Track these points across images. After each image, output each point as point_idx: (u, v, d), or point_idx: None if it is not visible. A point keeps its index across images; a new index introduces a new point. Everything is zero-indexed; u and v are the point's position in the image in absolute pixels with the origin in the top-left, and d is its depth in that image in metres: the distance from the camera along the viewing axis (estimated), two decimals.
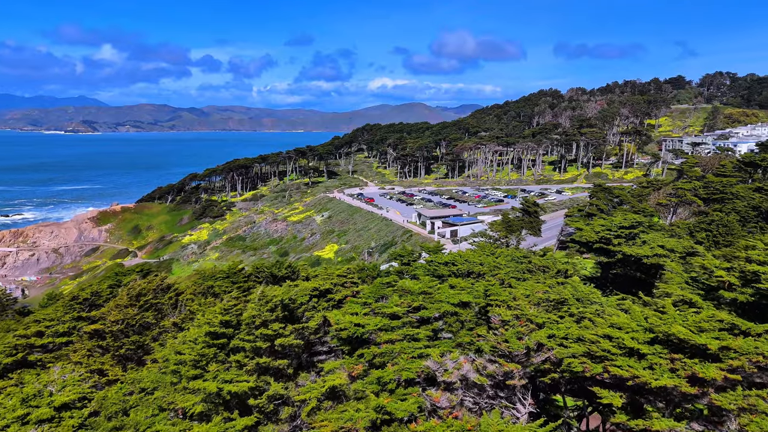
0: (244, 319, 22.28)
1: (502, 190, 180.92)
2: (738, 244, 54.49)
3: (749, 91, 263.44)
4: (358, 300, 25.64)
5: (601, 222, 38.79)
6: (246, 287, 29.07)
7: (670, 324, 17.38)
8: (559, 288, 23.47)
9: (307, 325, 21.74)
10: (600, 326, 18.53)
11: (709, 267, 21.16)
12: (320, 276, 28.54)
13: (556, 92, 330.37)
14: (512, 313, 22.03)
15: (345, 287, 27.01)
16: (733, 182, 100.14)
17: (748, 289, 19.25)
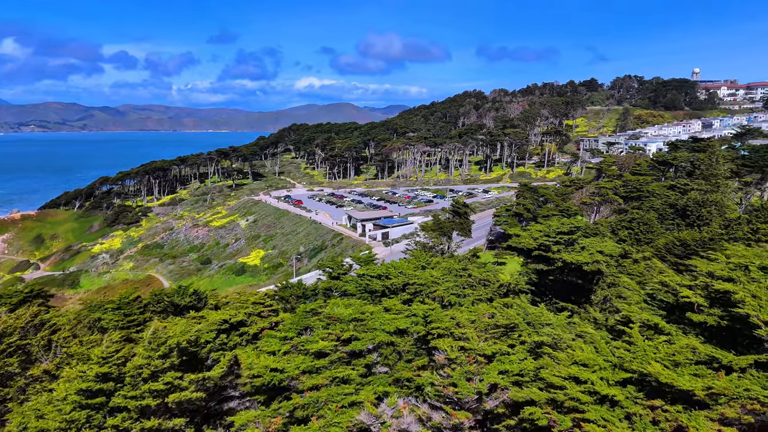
0: (128, 370, 17.65)
1: (432, 191, 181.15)
2: (695, 259, 55.06)
3: (655, 94, 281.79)
4: (277, 334, 21.64)
5: (539, 227, 36.87)
6: (142, 320, 24.24)
7: (643, 359, 14.86)
8: (507, 311, 20.67)
9: (210, 375, 17.47)
10: (562, 363, 15.74)
11: (672, 285, 19.04)
12: (232, 304, 24.19)
13: (480, 93, 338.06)
14: (458, 344, 18.93)
15: (262, 317, 22.87)
16: (648, 180, 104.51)
17: (716, 309, 17.19)
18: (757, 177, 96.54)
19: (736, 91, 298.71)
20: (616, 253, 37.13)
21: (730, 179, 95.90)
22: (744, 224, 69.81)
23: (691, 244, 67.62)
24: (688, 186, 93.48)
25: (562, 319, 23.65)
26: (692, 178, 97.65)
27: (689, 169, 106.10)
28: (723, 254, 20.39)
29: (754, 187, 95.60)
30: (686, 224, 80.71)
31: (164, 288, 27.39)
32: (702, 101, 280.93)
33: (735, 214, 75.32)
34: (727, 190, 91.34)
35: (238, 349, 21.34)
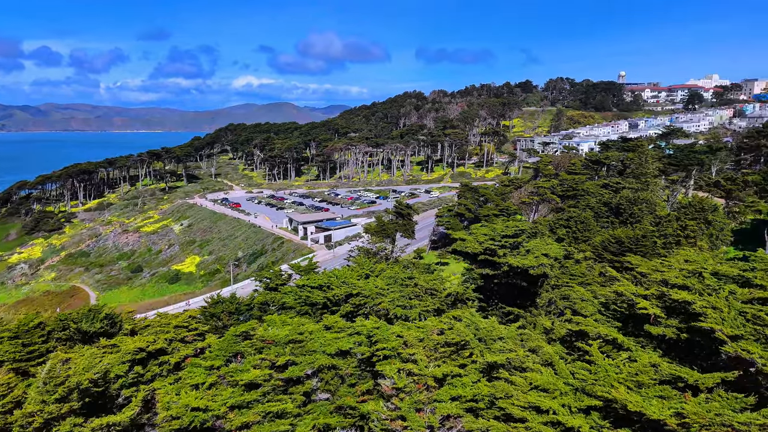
0: (15, 419, 14.73)
1: (374, 191, 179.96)
2: (630, 256, 55.76)
3: (586, 95, 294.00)
4: (202, 362, 19.13)
5: (484, 231, 35.88)
6: (44, 350, 20.94)
7: (606, 381, 13.67)
8: (457, 326, 19.17)
9: (117, 420, 14.84)
10: (520, 388, 14.31)
11: (627, 295, 18.14)
12: (152, 328, 21.37)
13: (420, 94, 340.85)
14: (406, 367, 17.21)
15: (186, 343, 20.25)
16: (583, 179, 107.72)
17: (673, 321, 16.34)
18: (682, 175, 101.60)
19: (659, 93, 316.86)
20: (560, 255, 36.80)
21: (658, 177, 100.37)
22: (673, 221, 72.67)
23: (626, 242, 69.53)
24: (620, 184, 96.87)
25: (513, 331, 22.41)
26: (624, 177, 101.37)
27: (620, 168, 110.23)
28: (675, 259, 19.75)
29: (679, 185, 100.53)
30: (620, 222, 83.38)
31: (79, 308, 23.97)
32: (628, 103, 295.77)
33: (664, 212, 78.48)
34: (656, 188, 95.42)
35: (157, 381, 18.68)
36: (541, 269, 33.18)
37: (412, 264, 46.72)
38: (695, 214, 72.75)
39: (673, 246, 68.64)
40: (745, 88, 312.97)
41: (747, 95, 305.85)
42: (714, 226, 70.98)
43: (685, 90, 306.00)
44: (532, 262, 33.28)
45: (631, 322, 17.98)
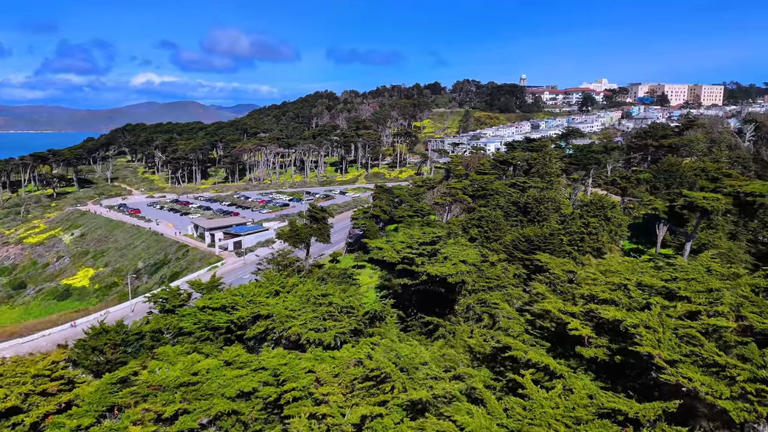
0: None
1: (287, 194, 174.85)
2: (539, 254, 56.29)
3: (491, 97, 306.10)
4: (68, 421, 15.59)
5: (402, 238, 34.29)
6: None
7: (542, 419, 12.19)
8: (376, 356, 17.13)
9: None
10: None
11: (555, 314, 17.01)
12: (3, 378, 17.31)
13: (331, 94, 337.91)
14: (320, 411, 14.89)
15: (48, 395, 16.52)
16: (492, 179, 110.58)
17: (604, 339, 15.33)
18: (582, 174, 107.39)
19: (557, 95, 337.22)
20: (477, 261, 36.11)
21: (561, 176, 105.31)
22: (577, 219, 75.87)
23: (535, 240, 71.47)
24: (527, 184, 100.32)
25: (435, 351, 20.71)
26: (529, 176, 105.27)
27: (526, 167, 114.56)
28: (597, 269, 18.97)
29: (580, 183, 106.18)
30: (528, 220, 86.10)
31: None
32: (530, 104, 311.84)
33: (568, 210, 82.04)
34: (559, 186, 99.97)
35: None
36: (459, 277, 32.10)
37: (328, 275, 44.35)
38: (596, 212, 76.42)
39: (577, 242, 71.73)
40: (631, 92, 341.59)
41: (632, 98, 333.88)
42: (613, 222, 74.96)
43: (579, 93, 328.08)
44: (450, 269, 32.10)
45: (560, 343, 16.88)
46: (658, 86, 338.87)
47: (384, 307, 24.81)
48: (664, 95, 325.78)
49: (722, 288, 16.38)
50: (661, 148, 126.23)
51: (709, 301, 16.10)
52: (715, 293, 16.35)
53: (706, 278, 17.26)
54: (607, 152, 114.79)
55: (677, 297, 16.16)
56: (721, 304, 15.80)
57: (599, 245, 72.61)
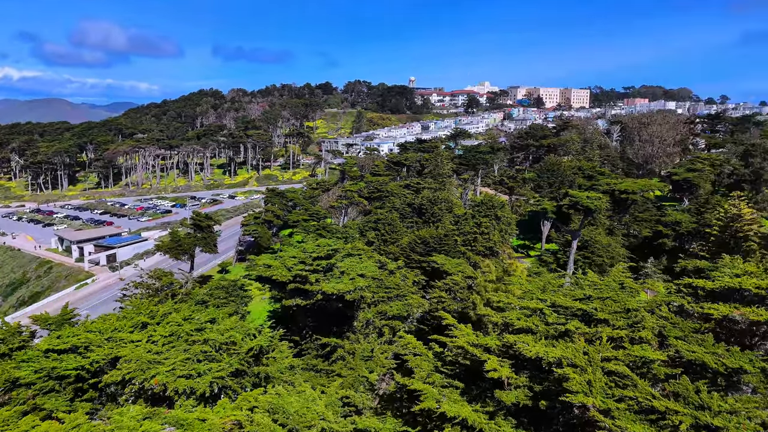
0: None
1: (170, 199, 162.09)
2: (435, 256, 54.79)
3: (382, 98, 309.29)
4: None
5: (293, 253, 30.97)
6: None
7: None
8: (258, 417, 13.84)
9: None
10: None
11: (469, 349, 14.82)
12: None
13: (217, 92, 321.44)
14: None
15: None
16: (387, 180, 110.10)
17: (523, 377, 13.37)
18: (471, 174, 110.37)
19: (444, 97, 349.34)
20: (376, 273, 33.79)
21: (452, 177, 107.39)
22: (469, 219, 76.96)
23: (431, 242, 71.21)
24: (421, 185, 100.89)
25: (333, 393, 17.80)
26: (423, 177, 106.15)
27: (419, 168, 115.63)
28: (505, 294, 17.17)
29: (470, 183, 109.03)
30: (423, 221, 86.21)
31: None
32: (419, 106, 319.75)
33: (461, 210, 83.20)
34: (451, 186, 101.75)
35: None
36: (357, 293, 29.43)
37: (211, 296, 39.71)
38: (487, 211, 78.01)
39: (471, 242, 72.67)
40: (511, 94, 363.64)
41: (512, 100, 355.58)
42: (503, 221, 76.93)
43: (464, 95, 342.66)
44: (347, 286, 29.33)
45: (476, 381, 14.74)
46: (534, 89, 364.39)
47: (271, 340, 21.42)
48: (539, 98, 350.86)
49: (640, 308, 15.56)
50: (541, 148, 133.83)
51: (629, 323, 15.17)
52: (633, 313, 15.46)
53: (621, 296, 16.40)
54: (494, 152, 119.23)
55: (595, 320, 14.81)
56: (643, 328, 14.90)
57: (491, 244, 74.05)
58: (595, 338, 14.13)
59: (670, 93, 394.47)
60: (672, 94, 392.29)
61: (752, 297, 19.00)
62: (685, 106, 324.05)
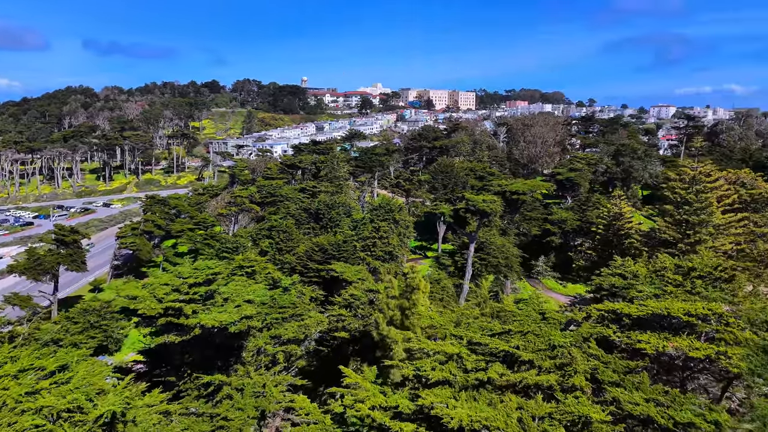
0: None
1: (31, 209, 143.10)
2: (334, 263, 51.42)
3: (274, 98, 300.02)
4: None
5: (166, 279, 26.44)
6: None
7: None
8: None
9: None
10: None
11: (377, 418, 11.95)
12: None
13: (88, 90, 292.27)
14: None
15: None
16: (280, 184, 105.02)
17: None
18: (368, 176, 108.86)
19: (337, 98, 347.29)
20: (266, 298, 30.13)
21: (349, 180, 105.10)
22: (368, 223, 74.95)
23: (329, 249, 68.17)
24: (317, 188, 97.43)
25: None
26: (319, 180, 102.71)
27: (314, 171, 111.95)
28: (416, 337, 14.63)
29: (367, 186, 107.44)
30: (321, 227, 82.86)
31: None
32: (313, 106, 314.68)
33: (359, 214, 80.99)
34: (348, 190, 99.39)
35: None
36: (244, 324, 25.65)
37: (66, 331, 33.73)
38: (385, 215, 76.52)
39: (370, 248, 70.66)
40: (402, 96, 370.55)
41: (404, 102, 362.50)
42: (401, 224, 75.89)
43: (358, 96, 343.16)
44: (232, 316, 25.44)
45: None
46: (424, 92, 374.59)
47: (128, 406, 16.94)
48: (429, 100, 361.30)
49: (565, 344, 13.94)
50: (434, 149, 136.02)
51: (557, 364, 13.43)
52: (560, 351, 13.80)
53: (545, 330, 14.74)
54: (389, 154, 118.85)
55: (519, 362, 12.78)
56: (575, 372, 13.20)
57: (391, 249, 72.64)
58: (520, 386, 12.10)
59: (546, 96, 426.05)
60: (548, 97, 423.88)
61: (680, 324, 18.44)
62: (560, 108, 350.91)
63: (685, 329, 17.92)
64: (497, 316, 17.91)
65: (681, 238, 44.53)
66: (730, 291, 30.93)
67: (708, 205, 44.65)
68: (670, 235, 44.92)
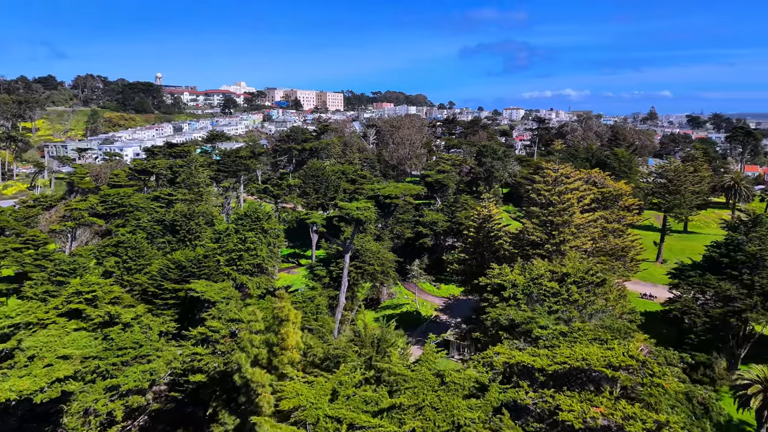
0: None
1: None
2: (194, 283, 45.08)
3: (123, 96, 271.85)
4: None
5: None
6: None
7: None
8: None
9: None
10: None
11: None
12: None
13: None
14: None
15: None
16: (130, 192, 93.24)
17: None
18: (232, 181, 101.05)
19: (197, 96, 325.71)
20: (93, 348, 24.00)
21: (211, 185, 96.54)
22: (232, 234, 68.54)
23: (188, 266, 61.08)
24: (173, 196, 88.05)
25: None
26: (176, 187, 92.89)
27: (170, 176, 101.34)
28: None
29: (232, 191, 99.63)
30: (178, 240, 74.35)
31: None
32: (169, 105, 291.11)
33: (223, 225, 73.82)
34: (210, 197, 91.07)
35: None
36: (56, 390, 19.59)
37: None
38: (252, 224, 70.68)
39: (236, 261, 64.48)
40: (269, 95, 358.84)
41: (271, 101, 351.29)
42: (270, 234, 70.55)
43: (220, 95, 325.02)
44: (38, 381, 19.28)
45: None
46: (291, 91, 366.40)
47: None
48: (297, 100, 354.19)
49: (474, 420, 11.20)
50: (304, 151, 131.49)
51: None
52: (466, 430, 11.05)
53: (445, 399, 11.82)
54: (255, 157, 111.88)
55: None
56: None
57: (259, 261, 67.15)
58: None
59: (411, 98, 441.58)
60: (412, 99, 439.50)
61: (600, 377, 16.68)
62: (423, 110, 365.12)
63: (606, 382, 16.38)
64: (384, 382, 14.84)
65: (547, 238, 45.68)
66: (602, 294, 30.91)
67: (570, 205, 46.31)
68: (537, 236, 45.86)
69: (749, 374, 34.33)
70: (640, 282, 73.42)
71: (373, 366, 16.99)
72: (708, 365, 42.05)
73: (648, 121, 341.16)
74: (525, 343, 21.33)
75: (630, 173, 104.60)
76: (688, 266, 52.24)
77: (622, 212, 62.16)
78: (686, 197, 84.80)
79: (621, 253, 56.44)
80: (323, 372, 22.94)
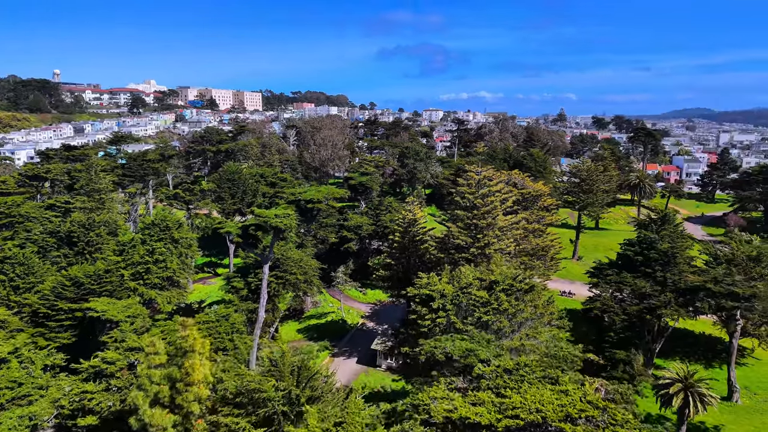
0: None
1: None
2: (93, 301, 40.08)
3: (16, 94, 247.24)
4: None
5: None
6: None
7: None
8: None
9: None
10: None
11: None
12: None
13: None
14: None
15: None
16: (20, 201, 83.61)
17: None
18: (139, 186, 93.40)
19: (102, 95, 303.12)
20: None
21: (115, 192, 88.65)
22: (139, 245, 62.71)
23: (86, 282, 55.08)
24: (71, 204, 79.98)
25: None
26: (74, 195, 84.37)
27: (68, 182, 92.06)
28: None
29: (139, 198, 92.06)
30: (76, 254, 67.14)
31: None
32: (69, 104, 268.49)
33: (128, 235, 67.31)
34: (114, 204, 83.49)
35: None
36: None
37: None
38: (161, 234, 65.15)
39: (143, 275, 58.93)
40: (182, 94, 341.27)
41: (183, 101, 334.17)
42: (182, 243, 65.33)
43: (128, 93, 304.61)
44: None
45: None
46: (206, 90, 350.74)
47: None
48: (213, 99, 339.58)
49: None
50: (219, 153, 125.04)
51: None
52: None
53: None
54: (165, 160, 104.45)
55: None
56: None
57: (170, 273, 61.96)
58: None
59: (332, 98, 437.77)
60: (333, 99, 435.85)
61: (557, 431, 15.36)
62: (345, 111, 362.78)
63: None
64: None
65: (472, 242, 45.12)
66: (531, 301, 30.09)
67: (493, 208, 46.05)
68: (462, 240, 45.17)
69: (670, 373, 35.35)
70: (560, 279, 75.71)
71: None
72: (627, 362, 43.30)
73: (558, 122, 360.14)
74: (465, 380, 19.85)
75: (545, 173, 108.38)
76: (606, 265, 53.88)
77: (542, 212, 63.43)
78: (598, 196, 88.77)
79: (542, 252, 57.38)
80: (235, 409, 20.14)
